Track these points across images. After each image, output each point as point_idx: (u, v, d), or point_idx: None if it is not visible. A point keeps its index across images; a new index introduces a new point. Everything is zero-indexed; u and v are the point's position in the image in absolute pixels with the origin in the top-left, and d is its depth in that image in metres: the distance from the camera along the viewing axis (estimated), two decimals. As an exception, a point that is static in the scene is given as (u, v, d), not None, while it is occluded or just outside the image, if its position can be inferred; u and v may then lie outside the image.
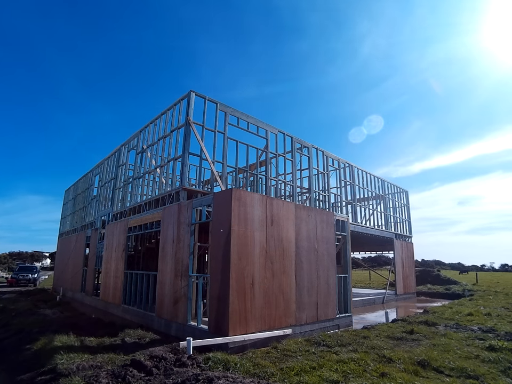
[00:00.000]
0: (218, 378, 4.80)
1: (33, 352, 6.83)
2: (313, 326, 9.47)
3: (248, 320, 7.61)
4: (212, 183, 10.88)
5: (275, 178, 12.22)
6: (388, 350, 7.07)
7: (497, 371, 5.91)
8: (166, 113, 11.43)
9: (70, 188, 23.95)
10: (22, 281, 26.65)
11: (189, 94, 9.99)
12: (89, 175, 19.34)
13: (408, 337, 8.50)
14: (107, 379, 5.00)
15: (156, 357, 5.97)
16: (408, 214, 22.19)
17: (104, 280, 13.84)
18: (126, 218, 12.83)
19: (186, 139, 9.72)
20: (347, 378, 5.36)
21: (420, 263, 66.12)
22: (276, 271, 8.55)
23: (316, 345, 7.65)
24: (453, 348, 7.34)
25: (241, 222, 7.89)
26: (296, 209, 9.64)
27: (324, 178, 15.09)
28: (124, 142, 14.65)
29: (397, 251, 19.65)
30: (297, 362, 6.21)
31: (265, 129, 11.91)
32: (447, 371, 5.87)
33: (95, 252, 15.37)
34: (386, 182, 20.30)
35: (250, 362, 6.16)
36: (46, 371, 5.61)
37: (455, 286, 23.86)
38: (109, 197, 15.80)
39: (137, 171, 13.15)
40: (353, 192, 17.01)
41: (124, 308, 11.74)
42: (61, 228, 24.39)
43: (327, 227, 10.71)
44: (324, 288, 10.07)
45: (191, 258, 8.67)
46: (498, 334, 8.75)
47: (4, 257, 69.50)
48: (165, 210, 10.23)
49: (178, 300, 8.84)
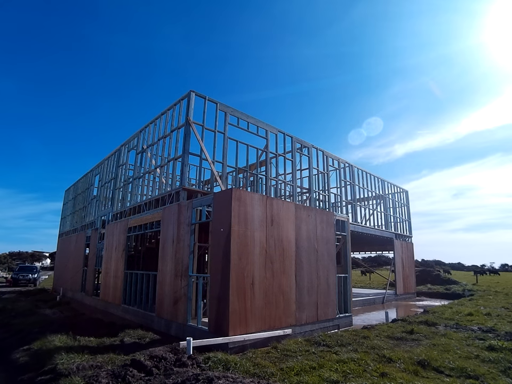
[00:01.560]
0: (218, 378, 4.80)
1: (33, 352, 6.83)
2: (313, 326, 9.47)
3: (248, 320, 7.61)
4: (212, 183, 10.89)
5: (275, 178, 12.21)
6: (388, 350, 7.07)
7: (497, 371, 5.91)
8: (166, 113, 11.42)
9: (70, 188, 23.96)
10: (22, 281, 26.66)
11: (189, 94, 9.98)
12: (89, 175, 19.34)
13: (408, 337, 8.50)
14: (107, 379, 5.00)
15: (156, 357, 5.97)
16: (408, 214, 22.21)
17: (104, 280, 13.85)
18: (126, 218, 12.83)
19: (186, 139, 9.71)
20: (347, 378, 5.36)
21: (420, 263, 66.07)
22: (276, 271, 8.55)
23: (316, 345, 7.65)
24: (453, 348, 7.34)
25: (241, 222, 7.89)
26: (296, 209, 9.64)
27: (323, 178, 15.09)
28: (124, 142, 14.65)
29: (397, 251, 19.66)
30: (297, 362, 6.21)
31: (265, 129, 11.91)
32: (447, 371, 5.87)
33: (95, 252, 15.37)
34: (386, 182, 20.32)
35: (250, 362, 6.17)
36: (46, 371, 5.62)
37: (455, 286, 23.90)
38: (109, 197, 15.81)
39: (137, 171, 13.15)
40: (353, 192, 17.01)
41: (123, 308, 11.74)
42: (61, 228, 24.40)
43: (327, 227, 10.71)
44: (324, 288, 10.07)
45: (191, 258, 8.67)
46: (498, 334, 8.76)
47: (4, 257, 69.55)
48: (165, 210, 10.23)
49: (178, 300, 8.84)
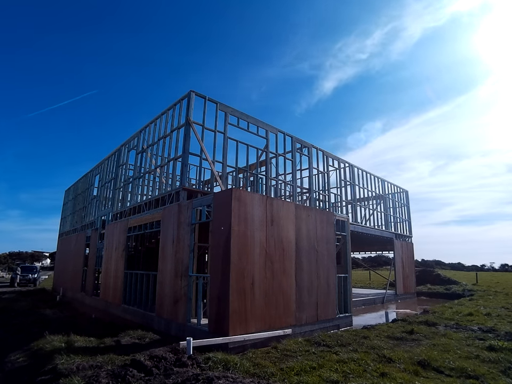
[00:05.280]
0: (218, 378, 4.80)
1: (33, 352, 6.83)
2: (313, 326, 9.46)
3: (248, 320, 7.61)
4: (212, 183, 10.90)
5: (275, 178, 12.21)
6: (388, 350, 7.07)
7: (497, 371, 5.90)
8: (166, 113, 11.42)
9: (70, 188, 23.96)
10: (22, 281, 26.67)
11: (189, 94, 9.97)
12: (89, 175, 19.33)
13: (408, 337, 8.50)
14: (107, 379, 5.00)
15: (156, 357, 5.97)
16: (408, 214, 22.21)
17: (104, 280, 13.84)
18: (126, 218, 12.82)
19: (186, 139, 9.71)
20: (347, 378, 5.36)
21: (420, 263, 65.98)
22: (276, 271, 8.55)
23: (316, 345, 7.65)
24: (453, 348, 7.34)
25: (241, 222, 7.89)
26: (296, 209, 9.64)
27: (323, 178, 15.10)
28: (124, 142, 14.64)
29: (397, 251, 19.66)
30: (297, 362, 6.21)
31: (265, 129, 11.91)
32: (447, 371, 5.87)
33: (95, 252, 15.37)
34: (386, 182, 20.32)
35: (250, 362, 6.17)
36: (46, 371, 5.62)
37: (455, 286, 23.86)
38: (109, 197, 15.81)
39: (137, 171, 13.14)
40: (353, 192, 17.01)
41: (124, 308, 11.74)
42: (61, 228, 24.41)
43: (327, 227, 10.70)
44: (324, 288, 10.06)
45: (191, 258, 8.67)
46: (498, 334, 8.75)
47: (4, 257, 69.60)
48: (165, 210, 10.23)
49: (178, 300, 8.84)
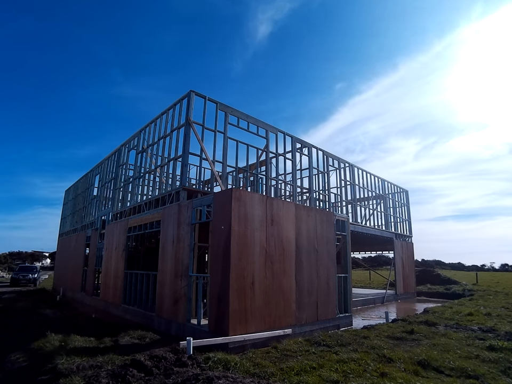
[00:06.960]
0: (218, 378, 4.80)
1: (33, 352, 6.83)
2: (313, 326, 9.46)
3: (248, 320, 7.61)
4: (212, 183, 10.91)
5: (275, 178, 12.21)
6: (388, 350, 7.06)
7: (497, 371, 5.90)
8: (166, 113, 11.42)
9: (70, 188, 23.96)
10: (22, 281, 26.67)
11: (189, 94, 9.97)
12: (89, 175, 19.33)
13: (408, 337, 8.50)
14: (107, 379, 5.00)
15: (156, 356, 5.97)
16: (408, 214, 22.21)
17: (104, 280, 13.84)
18: (126, 218, 12.82)
19: (186, 139, 9.71)
20: (347, 378, 5.36)
21: (420, 263, 65.96)
22: (276, 271, 8.55)
23: (316, 345, 7.65)
24: (453, 348, 7.33)
25: (241, 222, 7.89)
26: (296, 209, 9.64)
27: (324, 178, 15.09)
28: (124, 142, 14.64)
29: (397, 251, 19.67)
30: (297, 362, 6.21)
31: (265, 129, 11.90)
32: (447, 371, 5.86)
33: (95, 252, 15.37)
34: (387, 181, 20.32)
35: (250, 362, 6.17)
36: (46, 371, 5.61)
37: (455, 286, 23.85)
38: (109, 197, 15.81)
39: (137, 171, 13.14)
40: (353, 192, 17.01)
41: (124, 308, 11.74)
42: (61, 228, 24.40)
43: (327, 227, 10.70)
44: (324, 288, 10.06)
45: (191, 258, 8.67)
46: (498, 334, 8.75)
47: (4, 257, 69.59)
48: (165, 210, 10.23)
49: (178, 300, 8.84)
